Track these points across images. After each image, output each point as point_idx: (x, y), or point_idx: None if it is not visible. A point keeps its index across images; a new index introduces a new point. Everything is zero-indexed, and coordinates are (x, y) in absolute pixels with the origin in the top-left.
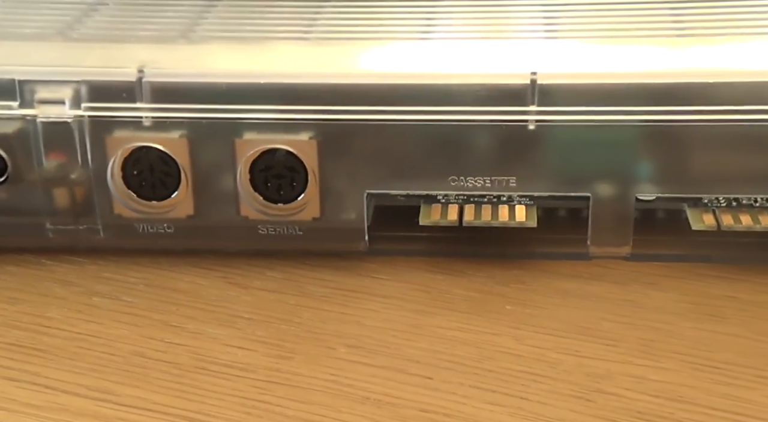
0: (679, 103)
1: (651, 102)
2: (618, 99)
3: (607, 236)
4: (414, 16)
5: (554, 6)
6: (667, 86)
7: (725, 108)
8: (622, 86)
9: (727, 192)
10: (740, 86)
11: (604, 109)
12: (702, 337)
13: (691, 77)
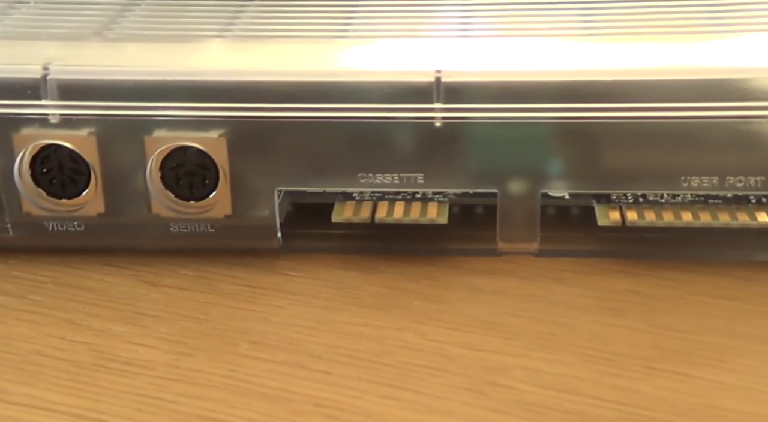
0: (586, 101)
1: (558, 100)
2: (524, 97)
3: (516, 232)
4: (333, 16)
5: (470, 5)
6: (574, 84)
7: (633, 105)
8: (527, 84)
9: (635, 188)
10: (647, 84)
11: (510, 107)
12: (599, 331)
13: (599, 75)
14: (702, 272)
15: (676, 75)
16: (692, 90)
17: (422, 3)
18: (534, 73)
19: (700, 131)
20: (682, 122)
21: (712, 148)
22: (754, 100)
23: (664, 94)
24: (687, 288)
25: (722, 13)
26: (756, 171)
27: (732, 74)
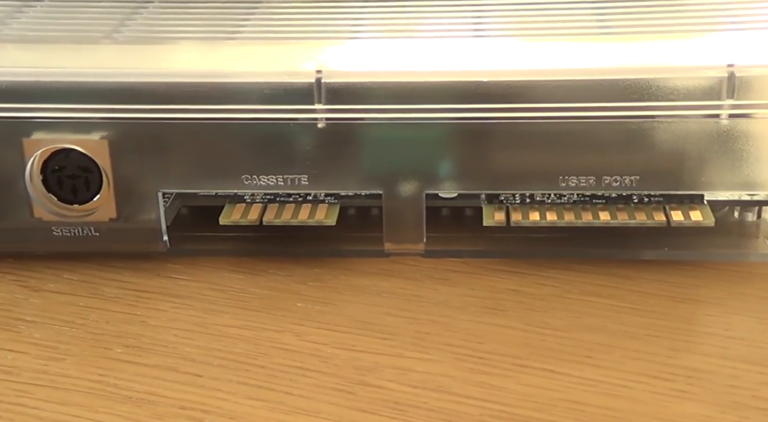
0: (467, 102)
1: (441, 101)
2: (406, 98)
3: (402, 233)
4: (228, 18)
5: (362, 7)
6: (456, 85)
7: (513, 106)
8: (409, 85)
9: (517, 188)
10: (526, 85)
11: (393, 108)
12: (476, 329)
13: (479, 76)
14: (584, 271)
15: (555, 76)
16: (568, 91)
17: (318, 5)
18: (416, 73)
19: (578, 132)
20: (561, 123)
21: (590, 149)
22: (628, 102)
23: (542, 95)
24: (567, 287)
25: (611, 16)
26: (631, 170)
27: (609, 75)
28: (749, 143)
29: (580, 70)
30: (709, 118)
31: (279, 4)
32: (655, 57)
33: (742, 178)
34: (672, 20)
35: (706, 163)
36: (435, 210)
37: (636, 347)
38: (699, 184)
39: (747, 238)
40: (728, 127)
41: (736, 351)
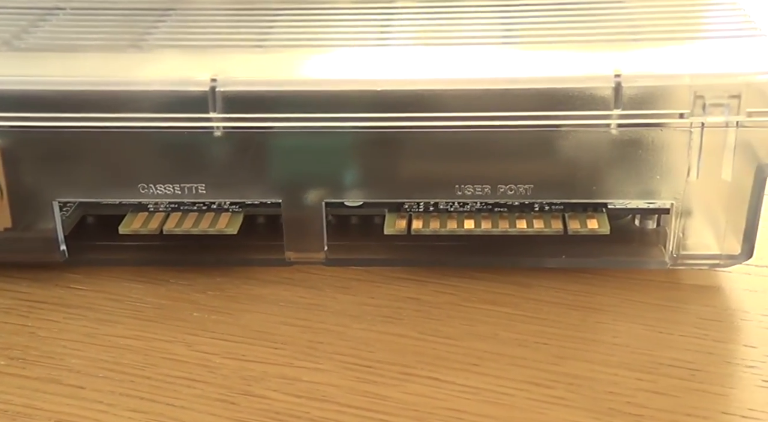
0: (362, 111)
1: (336, 109)
2: (304, 106)
3: (302, 242)
4: (134, 27)
5: (273, 17)
6: (350, 94)
7: (417, 115)
8: (305, 93)
9: (414, 196)
10: (433, 94)
11: (289, 116)
12: (369, 338)
13: (371, 85)
14: (485, 279)
15: (451, 85)
16: (463, 100)
17: (228, 15)
18: (312, 82)
19: (472, 141)
20: (456, 132)
21: (484, 158)
22: (520, 111)
23: (437, 105)
24: (465, 295)
25: (517, 25)
26: (525, 179)
27: (501, 85)
28: (640, 152)
29: (473, 79)
30: (599, 128)
31: (190, 13)
32: (546, 67)
33: (634, 187)
34: (571, 30)
35: (597, 172)
36: (340, 218)
37: (523, 354)
38: (591, 192)
39: (645, 246)
40: (618, 136)
41: (620, 357)
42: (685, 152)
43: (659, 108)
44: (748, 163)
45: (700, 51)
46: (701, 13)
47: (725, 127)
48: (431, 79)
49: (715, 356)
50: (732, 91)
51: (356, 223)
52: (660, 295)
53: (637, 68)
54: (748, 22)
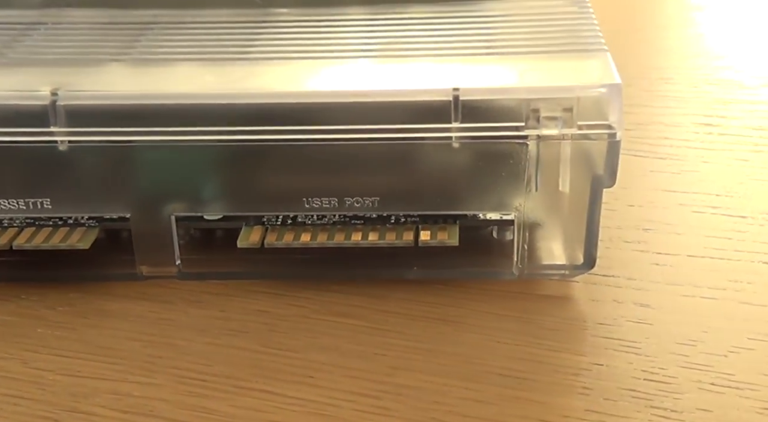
0: (204, 124)
1: (183, 123)
2: (148, 119)
3: (154, 256)
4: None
5: (140, 32)
6: (197, 107)
7: (262, 129)
8: (150, 107)
9: (269, 210)
10: (276, 107)
11: (133, 130)
12: (210, 352)
13: (212, 99)
14: (339, 291)
15: (295, 99)
16: (306, 114)
17: (97, 29)
18: (154, 95)
19: (317, 154)
20: (302, 145)
21: (330, 171)
22: (362, 124)
23: (283, 118)
24: (316, 307)
25: (378, 39)
26: (371, 192)
27: (341, 98)
28: (481, 165)
29: (315, 93)
30: (441, 140)
31: (59, 28)
32: (390, 81)
33: (477, 199)
34: (425, 44)
35: (441, 184)
36: (202, 231)
37: (360, 366)
38: (436, 204)
39: (497, 257)
40: (459, 149)
41: (453, 368)
42: (524, 165)
43: (497, 121)
44: (585, 174)
45: (541, 65)
46: (554, 27)
47: (560, 139)
48: (275, 92)
49: (545, 364)
50: (565, 104)
51: (217, 236)
52: (508, 306)
53: (476, 82)
54: (595, 37)
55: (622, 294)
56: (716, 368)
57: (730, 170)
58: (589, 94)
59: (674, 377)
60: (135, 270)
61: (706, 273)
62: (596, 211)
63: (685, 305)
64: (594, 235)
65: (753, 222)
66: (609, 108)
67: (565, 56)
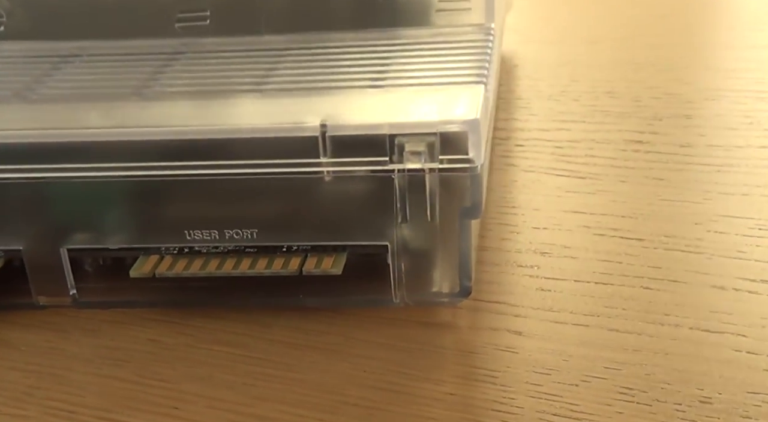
0: (90, 161)
1: (67, 160)
2: (37, 156)
3: (48, 286)
4: None
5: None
6: (77, 144)
7: (139, 164)
8: (30, 144)
9: (154, 242)
10: (160, 144)
11: (19, 168)
12: (87, 382)
13: (84, 137)
14: (229, 319)
15: (174, 135)
16: (185, 149)
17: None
18: (39, 133)
19: (196, 188)
20: (178, 179)
21: (209, 204)
22: (238, 159)
23: (161, 153)
24: (204, 336)
25: (276, 75)
26: (249, 224)
27: (221, 135)
28: (353, 197)
29: (191, 130)
30: (312, 174)
31: None
32: (265, 115)
33: (352, 229)
34: (311, 77)
35: (315, 216)
36: (105, 259)
37: (226, 396)
38: (312, 236)
39: (380, 285)
40: (331, 182)
41: (313, 398)
42: (393, 196)
43: (365, 155)
44: (453, 206)
45: (414, 99)
46: (443, 58)
47: (424, 173)
48: (154, 130)
49: (401, 395)
50: (427, 139)
51: (114, 265)
52: (387, 333)
53: (346, 117)
54: (480, 69)
55: (500, 321)
56: (564, 398)
57: (644, 190)
58: (448, 129)
59: (521, 407)
60: (31, 300)
61: (585, 298)
62: (466, 242)
63: (555, 332)
64: (466, 265)
65: (648, 245)
66: (468, 143)
67: (440, 89)
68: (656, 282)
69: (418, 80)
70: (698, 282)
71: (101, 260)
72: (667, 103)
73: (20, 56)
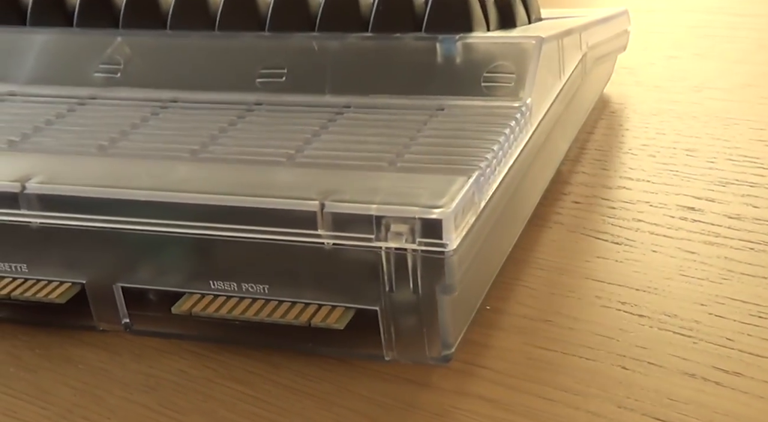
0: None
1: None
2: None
3: (105, 314)
4: None
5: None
6: None
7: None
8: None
9: (188, 288)
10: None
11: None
12: (117, 406)
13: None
14: (249, 356)
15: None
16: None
17: None
18: (98, 191)
19: (218, 246)
20: (203, 239)
21: (227, 261)
22: (244, 225)
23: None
24: (224, 371)
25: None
26: (261, 281)
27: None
28: (348, 265)
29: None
30: (313, 243)
31: None
32: (272, 188)
33: (344, 293)
34: (319, 151)
35: (315, 279)
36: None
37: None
38: (312, 295)
39: (378, 342)
40: (329, 250)
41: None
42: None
43: (357, 231)
44: (431, 281)
45: (410, 183)
46: (451, 140)
47: (406, 252)
48: (188, 195)
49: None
50: (409, 222)
51: (164, 301)
52: (376, 388)
53: (342, 195)
54: (479, 156)
55: (479, 387)
56: None
57: (671, 263)
58: (425, 215)
59: None
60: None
61: (563, 374)
62: (445, 315)
63: (526, 405)
64: (446, 335)
65: (645, 322)
66: (443, 230)
67: (434, 174)
68: (634, 363)
69: (424, 164)
70: (673, 367)
71: (150, 296)
72: (741, 167)
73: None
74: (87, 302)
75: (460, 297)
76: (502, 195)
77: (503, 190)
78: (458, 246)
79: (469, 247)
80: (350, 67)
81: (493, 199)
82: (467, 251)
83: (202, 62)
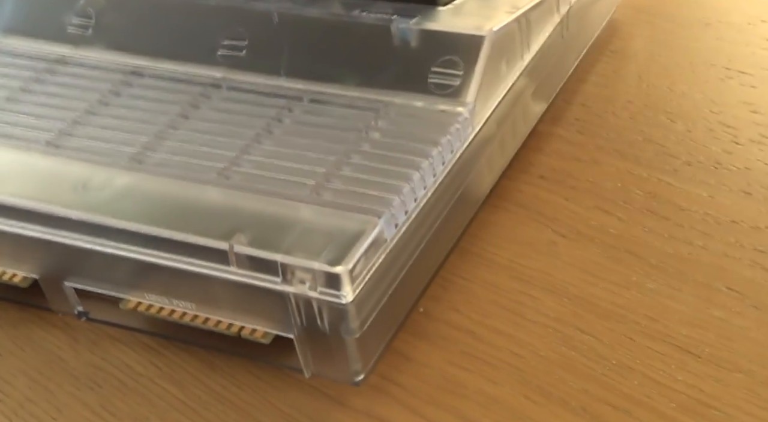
0: None
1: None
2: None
3: (59, 304)
4: None
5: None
6: None
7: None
8: None
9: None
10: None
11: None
12: (64, 404)
13: None
14: (193, 354)
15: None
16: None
17: None
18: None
19: (150, 265)
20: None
21: (154, 281)
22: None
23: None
24: (167, 369)
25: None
26: (186, 298)
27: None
28: (261, 296)
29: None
30: (218, 272)
31: None
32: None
33: (258, 318)
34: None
35: (230, 307)
36: None
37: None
38: (234, 317)
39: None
40: (243, 284)
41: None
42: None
43: (266, 272)
44: (335, 323)
45: (318, 219)
46: (366, 171)
47: (309, 297)
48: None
49: None
50: (310, 272)
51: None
52: (294, 400)
53: (255, 231)
54: (392, 193)
55: (385, 405)
56: None
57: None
58: (318, 266)
59: None
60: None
61: (457, 399)
62: (351, 350)
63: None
64: (356, 363)
65: (595, 368)
66: (341, 283)
67: (348, 211)
68: (539, 394)
69: (342, 200)
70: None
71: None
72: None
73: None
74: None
75: (375, 324)
76: (429, 212)
77: (429, 208)
78: (357, 296)
79: (375, 288)
80: (306, 47)
81: (417, 220)
82: (371, 294)
83: (171, 24)
